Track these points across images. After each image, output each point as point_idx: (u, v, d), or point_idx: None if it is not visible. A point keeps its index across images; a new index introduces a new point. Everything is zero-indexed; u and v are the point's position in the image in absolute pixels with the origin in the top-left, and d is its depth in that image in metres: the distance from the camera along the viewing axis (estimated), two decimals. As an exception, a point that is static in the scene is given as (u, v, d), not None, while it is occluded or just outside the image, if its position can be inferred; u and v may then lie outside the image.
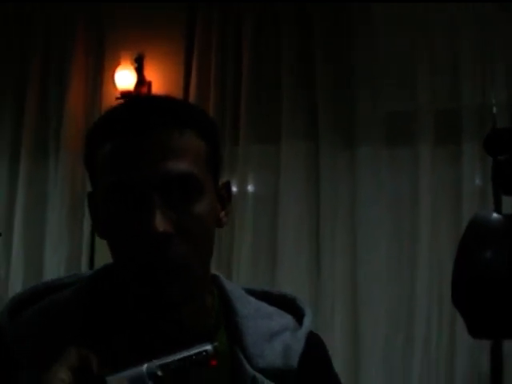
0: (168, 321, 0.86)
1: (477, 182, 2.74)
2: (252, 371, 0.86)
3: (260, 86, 3.04)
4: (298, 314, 0.95)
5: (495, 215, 0.65)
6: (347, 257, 2.86)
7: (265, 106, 3.04)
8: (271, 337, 0.90)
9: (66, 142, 3.20)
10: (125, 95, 3.11)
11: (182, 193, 0.82)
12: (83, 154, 0.89)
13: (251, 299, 0.95)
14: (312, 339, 0.94)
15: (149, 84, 3.19)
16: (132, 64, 3.18)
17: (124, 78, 3.18)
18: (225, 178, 0.92)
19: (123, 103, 0.91)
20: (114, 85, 3.20)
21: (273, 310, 0.94)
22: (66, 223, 3.17)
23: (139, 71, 3.18)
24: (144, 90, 3.16)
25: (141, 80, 3.17)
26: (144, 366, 0.74)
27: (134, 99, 1.03)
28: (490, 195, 2.65)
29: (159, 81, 3.19)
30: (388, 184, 2.88)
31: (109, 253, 0.86)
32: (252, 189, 3.06)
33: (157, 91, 3.14)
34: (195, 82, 3.09)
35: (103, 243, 0.87)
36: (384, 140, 2.89)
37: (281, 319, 0.93)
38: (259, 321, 0.91)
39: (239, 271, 2.93)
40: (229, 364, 0.87)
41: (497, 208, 0.67)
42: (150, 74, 3.20)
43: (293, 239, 2.90)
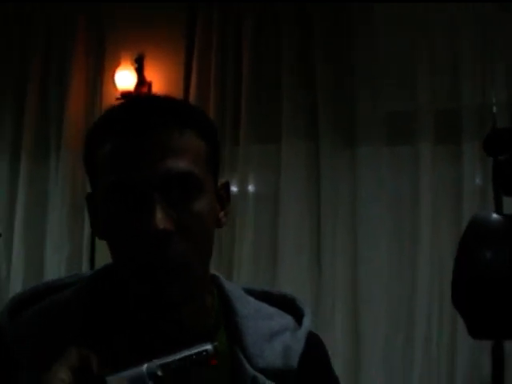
0: (168, 321, 0.86)
1: (477, 182, 2.74)
2: (252, 371, 0.86)
3: (260, 86, 3.04)
4: (298, 315, 0.95)
5: (495, 215, 0.65)
6: (348, 256, 2.86)
7: (265, 106, 3.04)
8: (271, 337, 0.90)
9: (67, 142, 3.20)
10: (125, 95, 3.11)
11: (182, 191, 0.82)
12: (83, 154, 0.89)
13: (251, 299, 0.95)
14: (312, 339, 0.94)
15: (149, 84, 3.19)
16: (132, 64, 3.18)
17: (124, 79, 3.18)
18: (224, 179, 0.92)
19: (123, 103, 0.91)
20: (115, 85, 3.20)
21: (273, 311, 0.94)
22: (67, 223, 3.17)
23: (139, 71, 3.18)
24: (144, 91, 3.16)
25: (141, 80, 3.17)
26: (144, 366, 0.74)
27: (134, 99, 1.03)
28: (491, 194, 2.63)
29: (159, 81, 3.19)
30: (388, 183, 2.88)
31: (109, 252, 0.87)
32: (253, 188, 3.07)
33: (157, 91, 3.13)
34: (195, 82, 3.09)
35: (104, 243, 0.87)
36: (384, 139, 2.89)
37: (281, 319, 0.93)
38: (259, 321, 0.91)
39: (240, 270, 2.94)
40: (229, 364, 0.87)
41: (497, 208, 0.67)
42: (151, 75, 3.20)
43: (293, 238, 2.91)
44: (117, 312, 0.88)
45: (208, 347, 0.76)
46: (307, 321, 0.94)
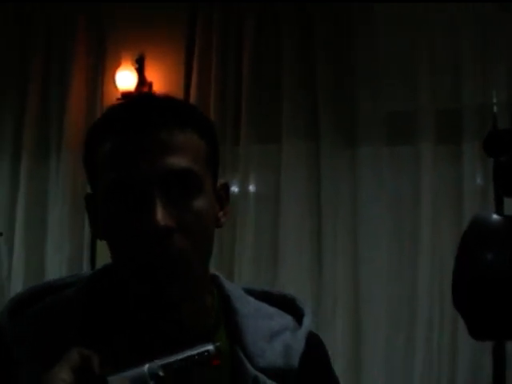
0: (168, 321, 0.86)
1: (478, 182, 2.74)
2: (253, 371, 0.86)
3: (261, 86, 3.03)
4: (298, 314, 0.95)
5: (496, 216, 0.65)
6: (348, 256, 2.86)
7: (265, 106, 3.04)
8: (271, 337, 0.90)
9: (67, 142, 3.20)
10: (126, 96, 3.11)
11: (182, 189, 0.82)
12: (83, 154, 0.89)
13: (251, 299, 0.95)
14: (312, 339, 0.94)
15: (150, 84, 3.18)
16: (133, 64, 3.18)
17: (125, 79, 3.18)
18: (224, 179, 0.92)
19: (123, 102, 0.91)
20: (115, 85, 3.19)
21: (273, 311, 0.94)
22: (68, 223, 3.17)
23: (140, 72, 3.17)
24: (145, 91, 3.15)
25: (142, 80, 3.17)
26: (146, 366, 0.74)
27: (135, 98, 1.03)
28: (491, 195, 2.65)
29: (160, 81, 3.19)
30: (389, 183, 2.88)
31: (109, 252, 0.86)
32: (253, 188, 3.07)
33: (158, 91, 3.13)
34: (196, 82, 3.09)
35: (104, 243, 0.87)
36: (385, 139, 2.89)
37: (281, 319, 0.93)
38: (259, 321, 0.91)
39: (241, 271, 2.93)
40: (229, 363, 0.87)
41: (498, 209, 0.67)
42: (151, 75, 3.19)
43: (294, 239, 2.91)
44: (116, 312, 0.88)
45: (210, 347, 0.76)
46: (307, 321, 0.94)
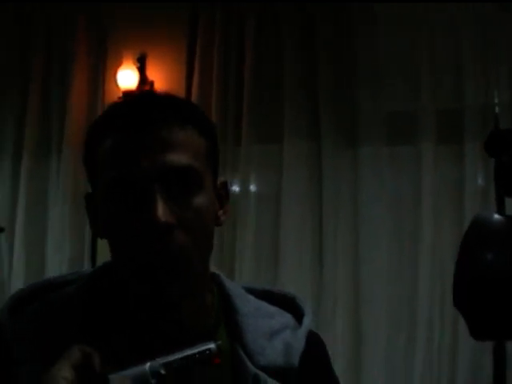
0: (168, 320, 0.86)
1: (479, 182, 2.74)
2: (253, 369, 0.86)
3: (262, 86, 3.03)
4: (298, 313, 0.95)
5: (497, 216, 0.65)
6: (349, 256, 2.86)
7: (267, 106, 3.04)
8: (271, 335, 0.90)
9: (68, 141, 3.20)
10: (127, 95, 3.11)
11: (182, 186, 0.82)
12: (83, 153, 0.89)
13: (251, 298, 0.95)
14: (312, 338, 0.94)
15: (151, 83, 3.18)
16: (134, 63, 3.18)
17: (126, 78, 3.17)
18: (224, 178, 0.92)
19: (124, 100, 0.91)
20: (116, 84, 3.19)
21: (273, 310, 0.94)
22: (69, 222, 3.16)
23: (141, 71, 3.17)
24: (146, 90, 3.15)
25: (143, 79, 3.17)
26: (147, 365, 0.74)
27: (135, 96, 1.04)
28: (492, 195, 2.65)
29: (161, 80, 3.19)
30: (390, 183, 2.88)
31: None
32: (254, 188, 3.06)
33: (159, 91, 3.13)
34: (197, 82, 3.09)
35: (105, 242, 0.86)
36: (386, 139, 2.89)
37: (281, 318, 0.93)
38: (259, 319, 0.91)
39: (242, 270, 2.93)
40: (230, 362, 0.87)
41: (500, 209, 0.67)
42: (153, 74, 3.19)
43: (295, 238, 2.90)
44: (116, 311, 0.88)
45: (211, 346, 0.76)
46: (307, 320, 0.94)
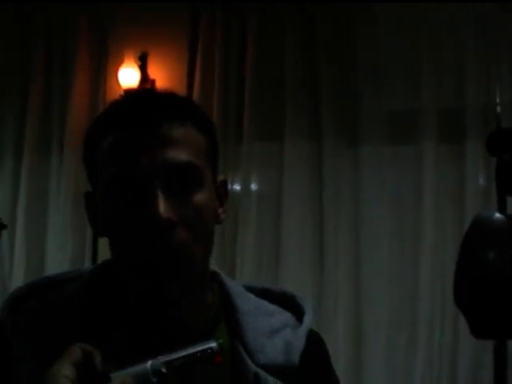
0: (168, 318, 0.86)
1: (480, 181, 2.74)
2: (254, 367, 0.86)
3: (263, 85, 3.03)
4: (298, 312, 0.95)
5: (498, 215, 0.65)
6: (350, 255, 2.85)
7: (268, 105, 3.03)
8: (272, 334, 0.90)
9: (70, 140, 3.20)
10: (127, 91, 3.11)
11: (183, 183, 0.82)
12: (83, 151, 0.89)
13: (251, 296, 0.95)
14: (312, 337, 0.94)
15: (152, 82, 3.18)
16: (136, 62, 3.18)
17: (128, 76, 3.18)
18: (223, 176, 0.92)
19: (124, 97, 0.91)
20: (118, 83, 3.20)
21: (273, 308, 0.94)
22: (70, 220, 3.16)
23: (143, 69, 3.17)
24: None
25: (144, 78, 3.17)
26: (148, 363, 0.74)
27: (135, 93, 1.03)
28: (494, 194, 2.63)
29: (163, 78, 3.19)
30: (391, 183, 2.88)
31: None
32: (255, 187, 3.06)
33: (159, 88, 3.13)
34: (199, 80, 3.09)
35: (107, 240, 0.86)
36: (387, 139, 2.89)
37: (281, 317, 0.93)
38: (259, 318, 0.91)
39: (242, 269, 2.93)
40: (230, 360, 0.87)
41: (501, 208, 0.67)
42: (154, 72, 3.19)
43: (296, 238, 2.90)
44: (116, 309, 0.88)
45: (213, 345, 0.76)
46: (308, 318, 0.94)
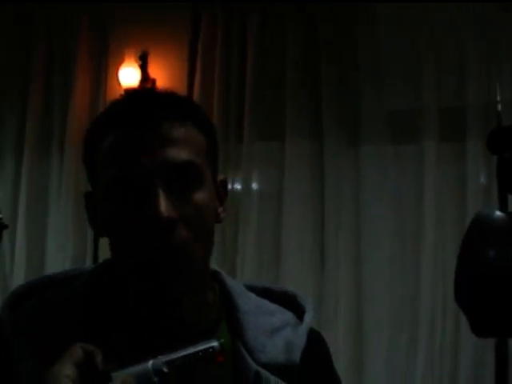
0: (169, 317, 0.86)
1: (481, 180, 2.73)
2: (255, 366, 0.86)
3: (264, 84, 3.03)
4: (299, 311, 0.95)
5: (498, 213, 0.65)
6: (351, 255, 2.85)
7: (269, 104, 3.03)
8: (272, 333, 0.90)
9: (71, 139, 3.20)
10: (127, 90, 3.10)
11: (183, 182, 0.82)
12: (83, 152, 0.89)
13: (252, 295, 0.95)
14: (313, 336, 0.94)
15: (153, 81, 3.18)
16: (136, 61, 3.18)
17: (128, 75, 3.17)
18: (223, 175, 0.93)
19: (124, 97, 0.91)
20: (118, 82, 3.20)
21: (274, 307, 0.94)
22: (71, 220, 3.16)
23: (143, 68, 3.17)
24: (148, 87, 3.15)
25: (145, 77, 3.17)
26: (150, 363, 0.74)
27: (135, 93, 1.03)
28: (495, 193, 2.63)
29: (163, 78, 3.19)
30: (392, 182, 2.88)
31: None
32: (256, 186, 3.06)
33: (161, 88, 3.13)
34: (199, 79, 3.08)
35: (107, 241, 0.86)
36: (388, 138, 2.89)
37: (282, 316, 0.93)
38: (260, 317, 0.91)
39: (243, 269, 2.93)
40: (231, 358, 0.87)
41: (502, 206, 0.67)
42: (154, 71, 3.19)
43: (297, 237, 2.90)
44: (117, 308, 0.88)
45: (214, 344, 0.76)
46: (308, 317, 0.94)
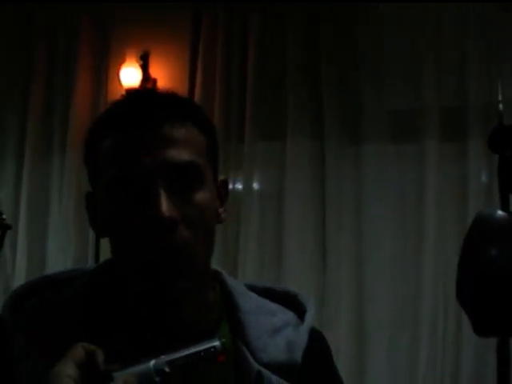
0: (170, 317, 0.86)
1: (483, 179, 2.73)
2: (256, 365, 0.86)
3: (265, 84, 3.03)
4: (300, 311, 0.95)
5: (500, 212, 0.65)
6: (352, 254, 2.85)
7: (270, 104, 3.03)
8: (274, 332, 0.90)
9: (72, 139, 3.20)
10: (128, 90, 3.11)
11: (184, 182, 0.82)
12: (84, 152, 0.89)
13: (252, 295, 0.95)
14: (314, 335, 0.94)
15: (154, 81, 3.18)
16: (137, 61, 3.18)
17: (129, 75, 3.18)
18: (223, 176, 0.93)
19: (125, 97, 0.91)
20: (120, 82, 3.20)
21: (275, 307, 0.94)
22: (73, 220, 3.16)
23: (144, 68, 3.18)
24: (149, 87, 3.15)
25: (146, 77, 3.17)
26: (151, 362, 0.74)
27: (136, 93, 1.03)
28: (496, 192, 2.61)
29: (164, 78, 3.19)
30: (393, 181, 2.87)
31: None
32: (257, 186, 3.06)
33: (162, 88, 3.13)
34: (201, 79, 3.09)
35: (109, 241, 0.86)
36: (389, 137, 2.89)
37: (283, 315, 0.93)
38: (261, 317, 0.91)
39: (245, 268, 2.93)
40: (232, 358, 0.87)
41: (503, 205, 0.67)
42: (156, 71, 3.19)
43: (298, 237, 2.90)
44: (118, 308, 0.88)
45: (216, 344, 0.76)
46: (309, 316, 0.94)
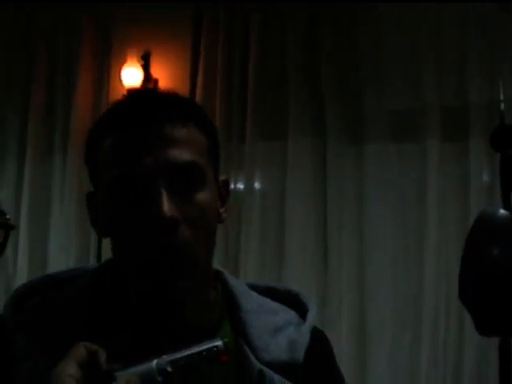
0: (172, 317, 0.86)
1: (484, 178, 2.73)
2: (258, 364, 0.86)
3: (266, 83, 3.03)
4: (302, 310, 0.95)
5: (502, 211, 0.64)
6: (354, 254, 2.85)
7: (271, 103, 3.03)
8: (275, 332, 0.90)
9: (73, 140, 3.20)
10: (130, 90, 3.11)
11: (185, 182, 0.82)
12: (85, 152, 0.89)
13: (254, 294, 0.95)
14: (316, 334, 0.94)
15: (155, 81, 3.18)
16: (138, 61, 3.18)
17: (130, 75, 3.18)
18: (224, 176, 0.93)
19: (126, 97, 0.91)
20: (121, 82, 3.20)
21: (277, 306, 0.94)
22: (75, 220, 3.16)
23: (146, 68, 3.18)
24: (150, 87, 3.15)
25: (147, 77, 3.17)
26: (154, 362, 0.74)
27: (137, 93, 1.03)
28: (498, 191, 2.61)
29: (166, 78, 3.19)
30: (395, 181, 2.87)
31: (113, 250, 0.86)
32: (259, 186, 3.06)
33: (163, 88, 3.13)
34: (202, 79, 3.09)
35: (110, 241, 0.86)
36: (391, 136, 2.88)
37: (285, 315, 0.93)
38: (262, 316, 0.91)
39: (246, 268, 2.93)
40: (234, 357, 0.87)
41: (505, 204, 0.67)
42: (157, 71, 3.20)
43: (299, 237, 2.90)
44: (120, 308, 0.88)
45: (218, 343, 0.76)
46: (311, 315, 0.94)
